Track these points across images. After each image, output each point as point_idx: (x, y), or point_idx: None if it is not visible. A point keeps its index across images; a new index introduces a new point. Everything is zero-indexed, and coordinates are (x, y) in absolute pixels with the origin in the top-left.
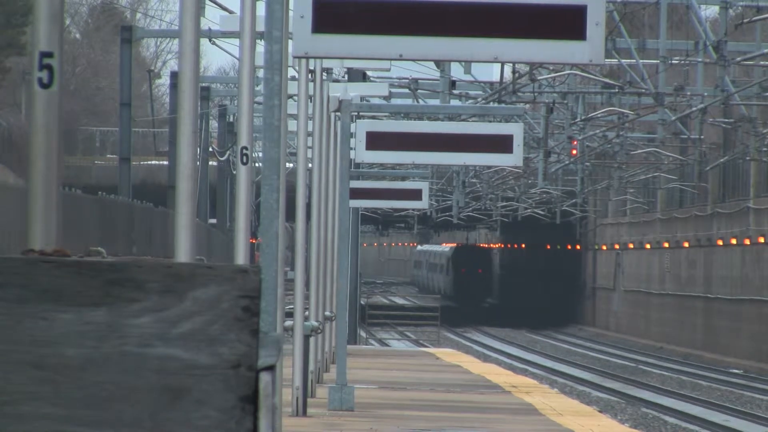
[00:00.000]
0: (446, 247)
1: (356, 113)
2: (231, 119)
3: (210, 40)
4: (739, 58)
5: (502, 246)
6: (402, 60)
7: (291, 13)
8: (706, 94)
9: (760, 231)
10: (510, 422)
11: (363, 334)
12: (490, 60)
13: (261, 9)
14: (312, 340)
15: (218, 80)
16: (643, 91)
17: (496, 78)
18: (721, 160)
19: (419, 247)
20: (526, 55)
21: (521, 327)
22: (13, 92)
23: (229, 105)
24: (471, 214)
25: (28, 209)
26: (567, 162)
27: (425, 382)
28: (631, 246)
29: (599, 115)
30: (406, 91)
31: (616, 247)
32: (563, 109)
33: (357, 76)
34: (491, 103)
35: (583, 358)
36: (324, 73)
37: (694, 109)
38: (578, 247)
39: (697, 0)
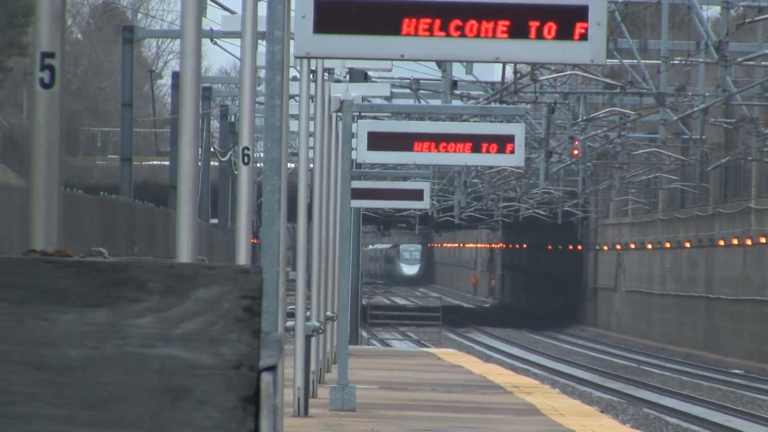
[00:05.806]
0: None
1: (357, 113)
2: (232, 119)
3: (211, 41)
4: (740, 59)
5: (504, 246)
6: (403, 60)
7: (292, 14)
8: (707, 94)
9: (761, 231)
10: (512, 423)
11: (364, 334)
12: (491, 60)
13: (262, 9)
14: (313, 340)
15: (220, 80)
16: (645, 91)
17: (497, 78)
18: (723, 160)
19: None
20: (527, 55)
21: (522, 327)
22: (14, 92)
23: (230, 105)
24: (472, 214)
25: (30, 209)
26: (568, 162)
27: (427, 383)
28: (633, 246)
29: (601, 116)
30: (408, 91)
31: (618, 247)
32: (565, 109)
33: (358, 76)
34: (493, 103)
35: (584, 359)
36: (325, 74)
37: (695, 109)
38: (579, 247)
39: (699, 0)
